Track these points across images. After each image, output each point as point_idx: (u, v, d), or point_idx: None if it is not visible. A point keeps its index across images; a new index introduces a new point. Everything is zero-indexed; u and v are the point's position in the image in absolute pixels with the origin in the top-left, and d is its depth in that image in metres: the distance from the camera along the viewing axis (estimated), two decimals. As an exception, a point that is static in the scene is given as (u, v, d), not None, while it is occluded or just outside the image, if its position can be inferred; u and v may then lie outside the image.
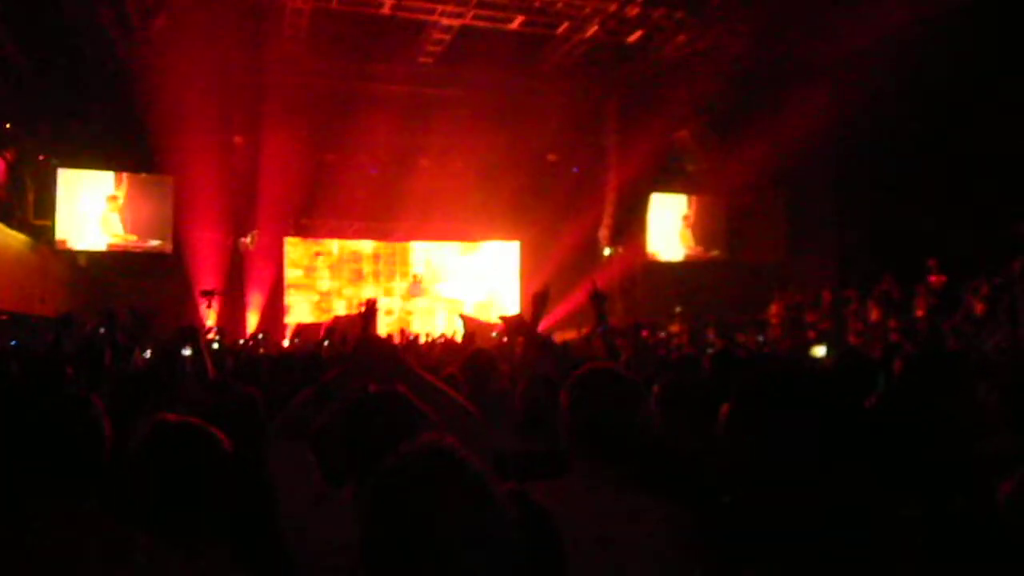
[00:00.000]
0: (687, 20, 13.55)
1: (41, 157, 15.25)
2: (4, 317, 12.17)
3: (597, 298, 4.56)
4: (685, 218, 18.06)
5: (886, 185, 13.29)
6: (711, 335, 13.47)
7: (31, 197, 15.16)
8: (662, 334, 13.36)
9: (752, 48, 13.58)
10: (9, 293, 12.41)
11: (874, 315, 13.20)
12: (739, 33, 13.40)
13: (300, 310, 17.81)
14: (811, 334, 13.91)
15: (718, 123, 16.35)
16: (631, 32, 14.02)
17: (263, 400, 3.51)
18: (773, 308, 15.43)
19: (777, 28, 13.09)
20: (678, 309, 14.99)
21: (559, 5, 13.04)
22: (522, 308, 18.68)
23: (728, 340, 10.61)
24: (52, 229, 14.91)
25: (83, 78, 12.95)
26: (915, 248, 12.61)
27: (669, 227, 17.93)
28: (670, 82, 15.35)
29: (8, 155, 14.32)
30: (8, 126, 13.73)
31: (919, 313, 12.62)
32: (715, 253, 17.99)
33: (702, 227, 18.00)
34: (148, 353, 6.57)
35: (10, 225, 13.12)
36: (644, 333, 11.26)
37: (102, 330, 6.66)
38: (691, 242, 17.99)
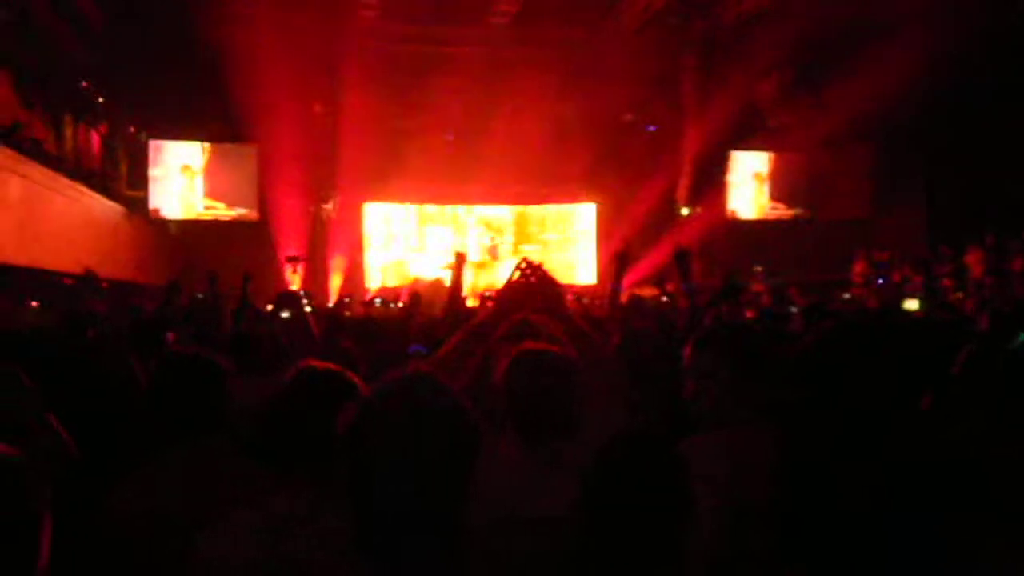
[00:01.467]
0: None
1: (132, 129, 15.85)
2: (105, 285, 12.79)
3: (682, 257, 4.53)
4: (766, 176, 17.64)
5: (976, 140, 12.71)
6: (793, 294, 13.20)
7: (124, 169, 15.82)
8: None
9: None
10: (107, 261, 13.02)
11: (975, 271, 12.70)
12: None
13: (380, 274, 18.17)
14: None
15: (800, 77, 15.83)
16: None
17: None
18: (857, 267, 14.99)
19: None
20: (758, 268, 14.71)
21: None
22: (600, 269, 18.65)
23: (816, 297, 10.37)
24: (145, 199, 15.55)
25: (170, 51, 13.33)
26: (1008, 204, 12.07)
27: (749, 185, 17.55)
28: (749, 36, 14.89)
29: (101, 128, 14.95)
30: (101, 100, 14.30)
31: (1016, 267, 12.10)
32: (798, 211, 17.55)
33: (784, 184, 17.56)
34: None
35: (107, 196, 13.71)
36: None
37: (200, 295, 6.99)
38: (772, 200, 17.58)
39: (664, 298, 9.57)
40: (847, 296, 13.35)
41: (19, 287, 9.17)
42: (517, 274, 2.74)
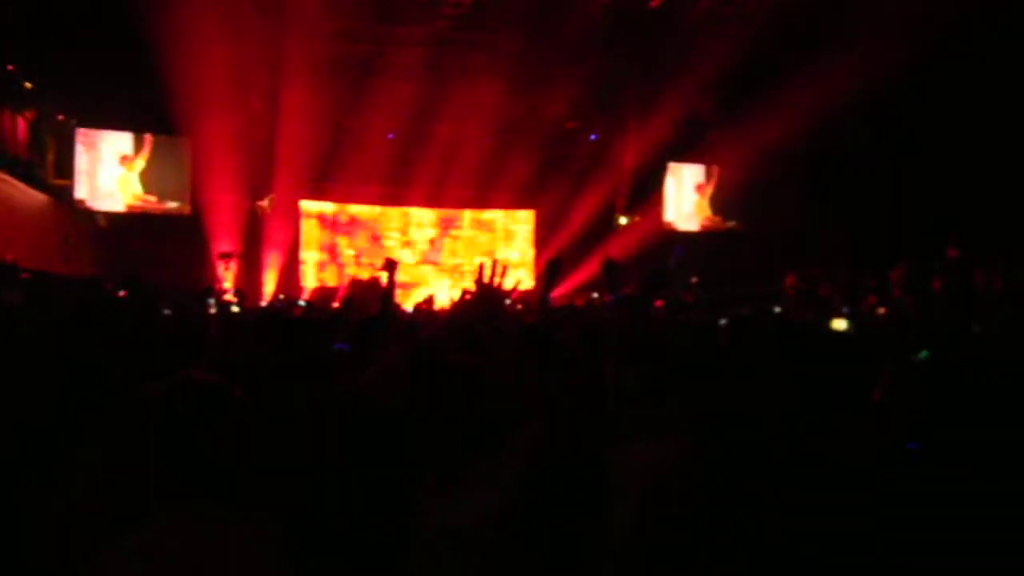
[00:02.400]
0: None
1: (60, 117, 15.31)
2: (26, 275, 12.33)
3: (610, 268, 4.55)
4: (700, 187, 17.96)
5: (907, 159, 13.17)
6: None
7: (51, 157, 15.26)
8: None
9: (775, 13, 13.38)
10: (31, 252, 12.55)
11: (895, 291, 13.11)
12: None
13: (315, 273, 17.93)
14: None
15: (738, 92, 16.18)
16: (652, -2, 13.86)
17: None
18: (788, 280, 15.34)
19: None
20: (694, 280, 14.97)
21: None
22: (536, 275, 18.73)
23: (746, 310, 10.58)
24: (71, 189, 15.03)
25: (103, 37, 12.94)
26: (935, 223, 12.51)
27: (686, 197, 17.85)
28: (691, 50, 15.17)
29: (28, 114, 14.39)
30: (28, 85, 13.78)
31: (936, 286, 12.53)
32: (732, 224, 17.91)
33: (719, 197, 17.91)
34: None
35: (31, 184, 13.21)
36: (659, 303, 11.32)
37: (122, 293, 6.79)
38: (708, 212, 17.91)
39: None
40: (777, 310, 13.66)
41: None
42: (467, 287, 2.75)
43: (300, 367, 3.50)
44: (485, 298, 2.31)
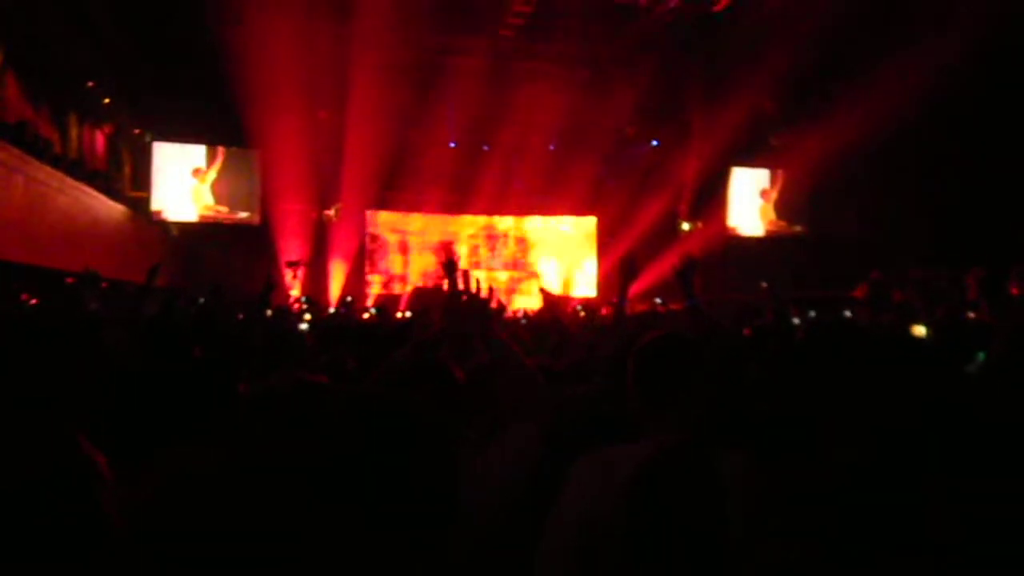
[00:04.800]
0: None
1: (136, 131, 15.88)
2: (105, 285, 12.79)
3: (688, 268, 4.46)
4: (765, 192, 17.70)
5: (982, 158, 12.77)
6: (794, 312, 13.19)
7: (128, 170, 15.84)
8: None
9: (841, 12, 13.13)
10: (110, 262, 13.01)
11: (971, 294, 12.70)
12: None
13: (380, 280, 18.18)
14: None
15: (803, 94, 15.91)
16: (716, 1, 13.71)
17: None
18: (859, 286, 14.98)
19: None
20: (763, 284, 14.70)
21: (643, -25, 12.86)
22: (600, 282, 18.68)
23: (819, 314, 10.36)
24: (147, 201, 15.56)
25: (176, 53, 13.38)
26: (1012, 225, 12.11)
27: (750, 201, 17.61)
28: (755, 53, 14.97)
29: (107, 129, 14.98)
30: (106, 101, 14.33)
31: (1014, 292, 12.11)
32: (798, 228, 17.59)
33: (785, 202, 17.62)
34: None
35: (110, 196, 13.72)
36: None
37: (202, 300, 7.01)
38: (773, 216, 17.63)
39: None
40: (848, 315, 13.34)
41: (20, 285, 9.16)
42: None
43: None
44: (472, 310, 2.32)
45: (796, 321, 8.59)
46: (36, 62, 11.37)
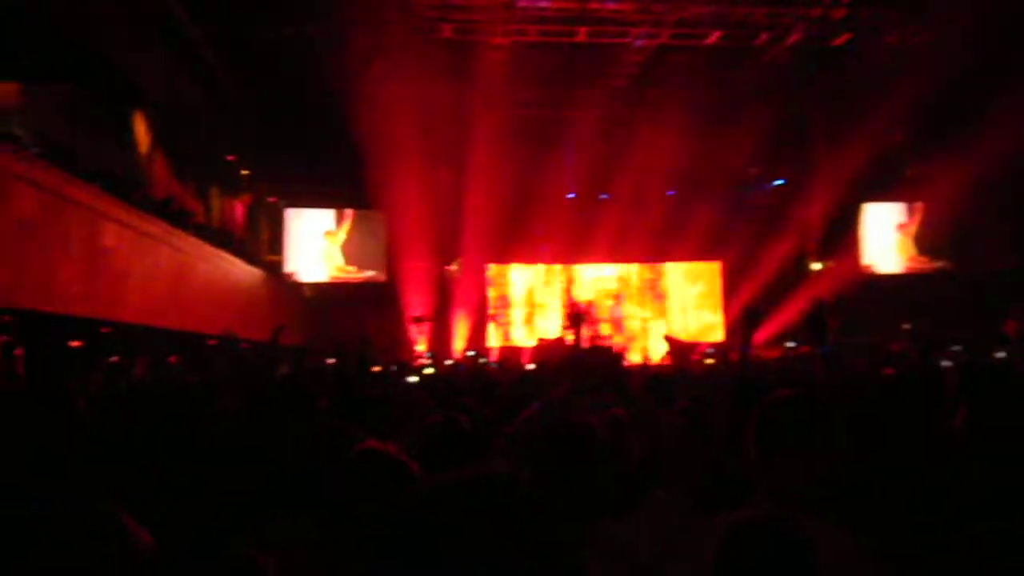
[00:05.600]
0: (899, 17, 12.68)
1: (271, 199, 16.83)
2: (245, 346, 13.46)
3: (814, 315, 4.24)
4: (903, 227, 16.80)
5: None
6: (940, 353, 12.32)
7: (265, 236, 16.77)
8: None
9: (972, 40, 12.45)
10: (249, 324, 13.70)
11: None
12: (958, 25, 12.32)
13: (502, 334, 18.32)
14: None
15: (937, 124, 15.09)
16: (836, 36, 13.31)
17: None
18: (1010, 323, 13.88)
19: (997, 18, 11.94)
20: (906, 326, 13.83)
21: (758, 16, 12.63)
22: (727, 327, 18.13)
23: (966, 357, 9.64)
24: (281, 263, 16.40)
25: (306, 125, 14.15)
26: None
27: (885, 237, 16.75)
28: (880, 85, 14.37)
29: (245, 199, 15.94)
30: (244, 173, 15.28)
31: None
32: (941, 263, 16.56)
33: (924, 235, 16.66)
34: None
35: (249, 262, 14.52)
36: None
37: (331, 360, 7.25)
38: (912, 252, 16.69)
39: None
40: (1002, 355, 12.36)
41: (168, 348, 9.75)
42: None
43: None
44: (601, 362, 2.21)
45: (946, 364, 8.03)
46: (181, 141, 12.25)
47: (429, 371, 10.04)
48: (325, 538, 1.77)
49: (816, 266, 16.76)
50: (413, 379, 5.00)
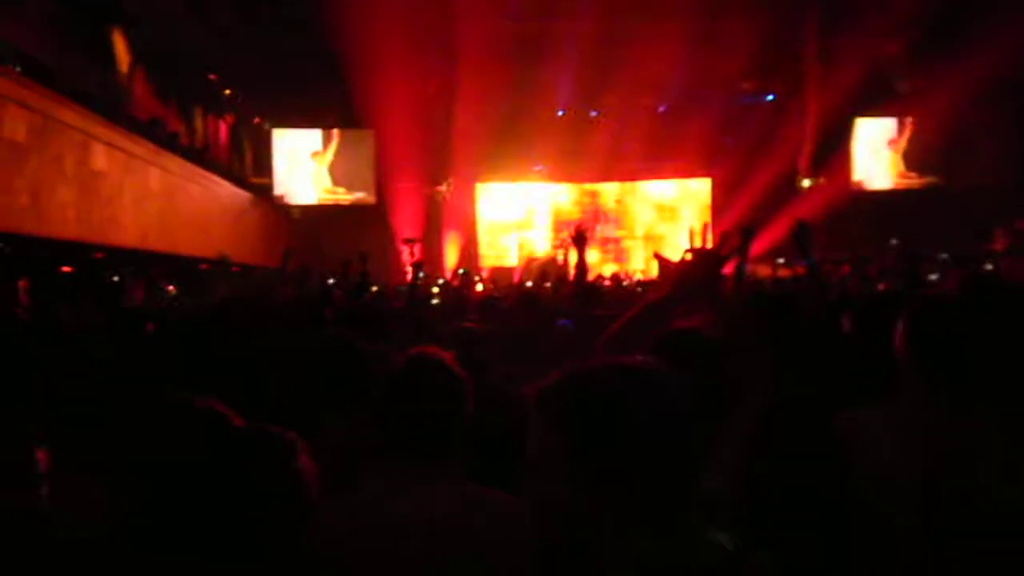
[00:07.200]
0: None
1: (256, 120, 16.50)
2: (236, 269, 13.40)
3: (801, 232, 4.25)
4: (893, 142, 16.73)
5: None
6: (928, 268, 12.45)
7: (249, 158, 16.51)
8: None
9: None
10: (239, 247, 13.62)
11: None
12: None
13: (494, 253, 18.33)
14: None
15: (932, 35, 14.87)
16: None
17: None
18: (999, 238, 13.99)
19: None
20: (894, 241, 13.93)
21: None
22: (715, 246, 18.17)
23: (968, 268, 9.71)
24: (270, 186, 16.19)
25: (290, 41, 13.76)
26: None
27: (877, 153, 16.69)
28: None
29: (229, 119, 15.63)
30: (228, 92, 14.93)
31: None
32: (930, 179, 16.57)
33: (915, 151, 16.60)
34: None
35: (235, 184, 14.33)
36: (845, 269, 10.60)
37: (331, 280, 7.24)
38: (902, 168, 16.67)
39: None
40: (989, 268, 12.50)
41: (159, 272, 9.70)
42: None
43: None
44: (707, 263, 2.17)
45: (933, 277, 8.13)
46: (162, 59, 11.92)
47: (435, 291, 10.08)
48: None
49: (807, 183, 16.73)
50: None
